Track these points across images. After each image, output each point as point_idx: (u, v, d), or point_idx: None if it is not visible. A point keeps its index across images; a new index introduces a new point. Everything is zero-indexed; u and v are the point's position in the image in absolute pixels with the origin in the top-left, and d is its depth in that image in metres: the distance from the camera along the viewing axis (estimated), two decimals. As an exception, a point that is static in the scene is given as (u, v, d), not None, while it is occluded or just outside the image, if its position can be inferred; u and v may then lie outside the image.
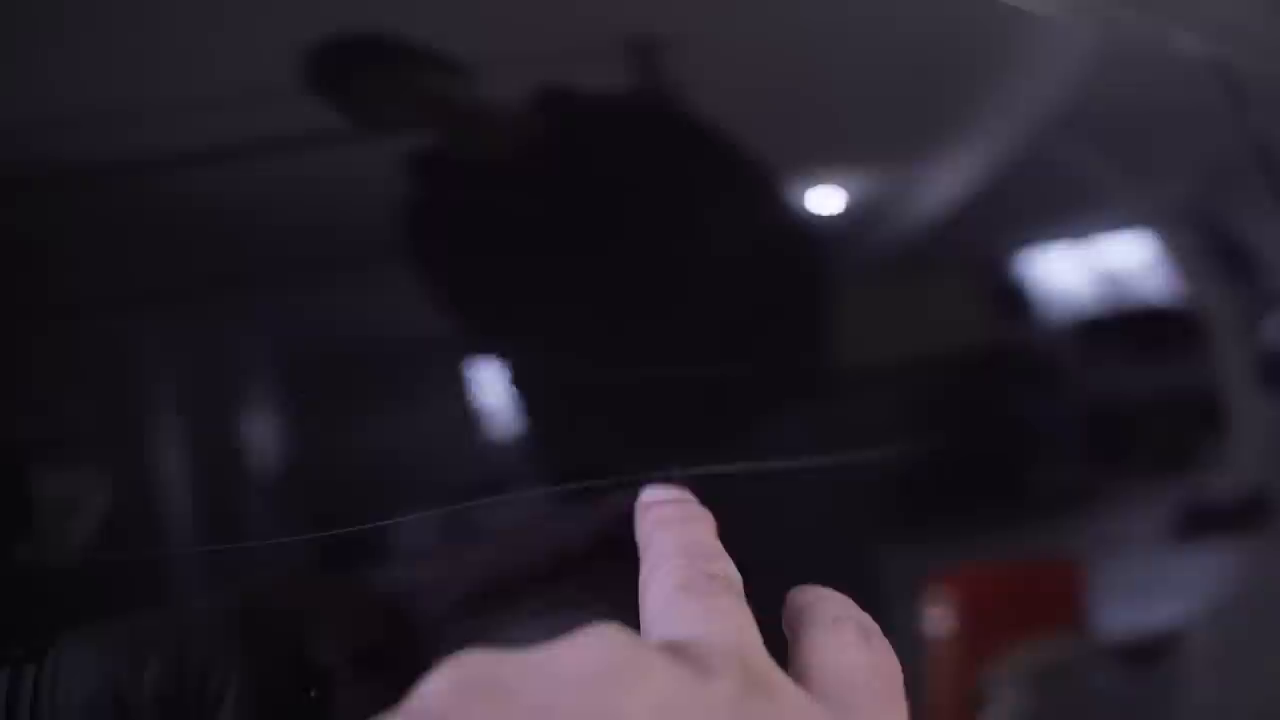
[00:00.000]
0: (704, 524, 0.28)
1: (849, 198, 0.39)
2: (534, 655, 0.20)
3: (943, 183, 0.42)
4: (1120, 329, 0.46)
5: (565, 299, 0.32)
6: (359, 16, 0.31)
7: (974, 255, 0.43)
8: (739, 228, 0.36)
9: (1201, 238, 0.50)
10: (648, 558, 0.26)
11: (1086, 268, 0.45)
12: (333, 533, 0.27)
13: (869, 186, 0.40)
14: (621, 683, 0.19)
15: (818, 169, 0.39)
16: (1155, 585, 0.47)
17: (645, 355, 0.32)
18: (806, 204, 0.38)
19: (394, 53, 0.31)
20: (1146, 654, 0.45)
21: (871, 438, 0.37)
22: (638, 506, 0.29)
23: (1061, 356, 0.44)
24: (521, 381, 0.30)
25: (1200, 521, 0.48)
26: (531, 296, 0.31)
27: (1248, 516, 0.50)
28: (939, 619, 0.39)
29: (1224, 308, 0.50)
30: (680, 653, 0.21)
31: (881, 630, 0.26)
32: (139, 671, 0.25)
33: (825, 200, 0.38)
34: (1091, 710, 0.44)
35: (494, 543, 0.30)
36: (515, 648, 0.20)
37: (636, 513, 0.29)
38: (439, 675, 0.19)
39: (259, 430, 0.28)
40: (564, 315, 0.32)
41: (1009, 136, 0.44)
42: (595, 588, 0.31)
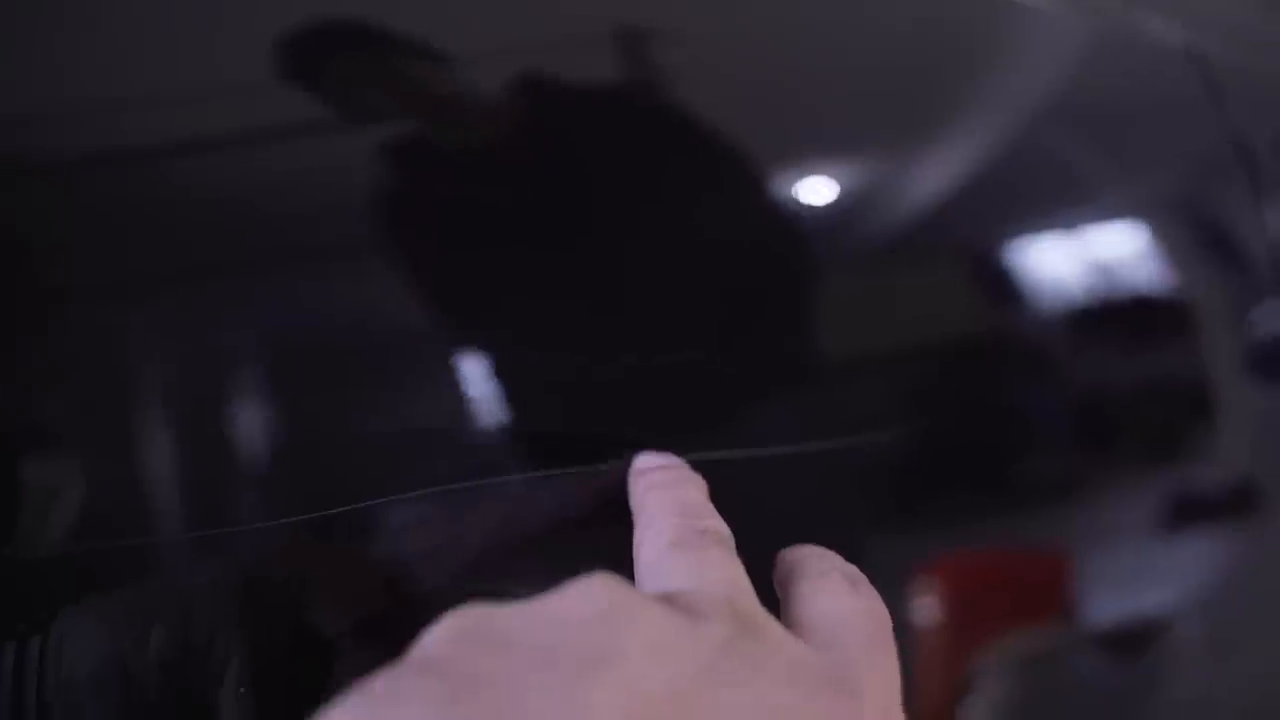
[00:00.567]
0: (694, 485, 0.29)
1: (838, 188, 0.39)
2: (531, 604, 0.20)
3: (932, 173, 0.42)
4: (1110, 319, 0.46)
5: (548, 290, 0.32)
6: (339, 5, 0.31)
7: (963, 245, 0.43)
8: (724, 218, 0.36)
9: (1190, 228, 0.50)
10: (641, 519, 0.27)
11: (1076, 258, 0.45)
12: (320, 514, 0.27)
13: (858, 177, 0.40)
14: (616, 624, 0.20)
15: (807, 160, 0.39)
16: (1143, 575, 0.47)
17: (630, 344, 0.33)
18: (796, 195, 0.38)
19: (373, 40, 0.31)
20: (1133, 643, 0.45)
21: (860, 426, 0.37)
22: (631, 473, 0.30)
23: (1051, 346, 0.44)
24: (507, 373, 0.30)
25: (1189, 511, 0.48)
26: (514, 287, 0.31)
27: (1236, 506, 0.50)
28: (926, 608, 0.39)
29: (1213, 298, 0.50)
30: (673, 601, 0.21)
31: None
32: (143, 640, 0.26)
33: (815, 191, 0.38)
34: (1078, 699, 0.44)
35: (492, 513, 0.30)
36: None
37: (630, 479, 0.30)
38: (440, 626, 0.20)
39: (247, 420, 0.28)
40: (547, 306, 0.32)
41: (998, 127, 0.44)
42: (593, 555, 0.32)
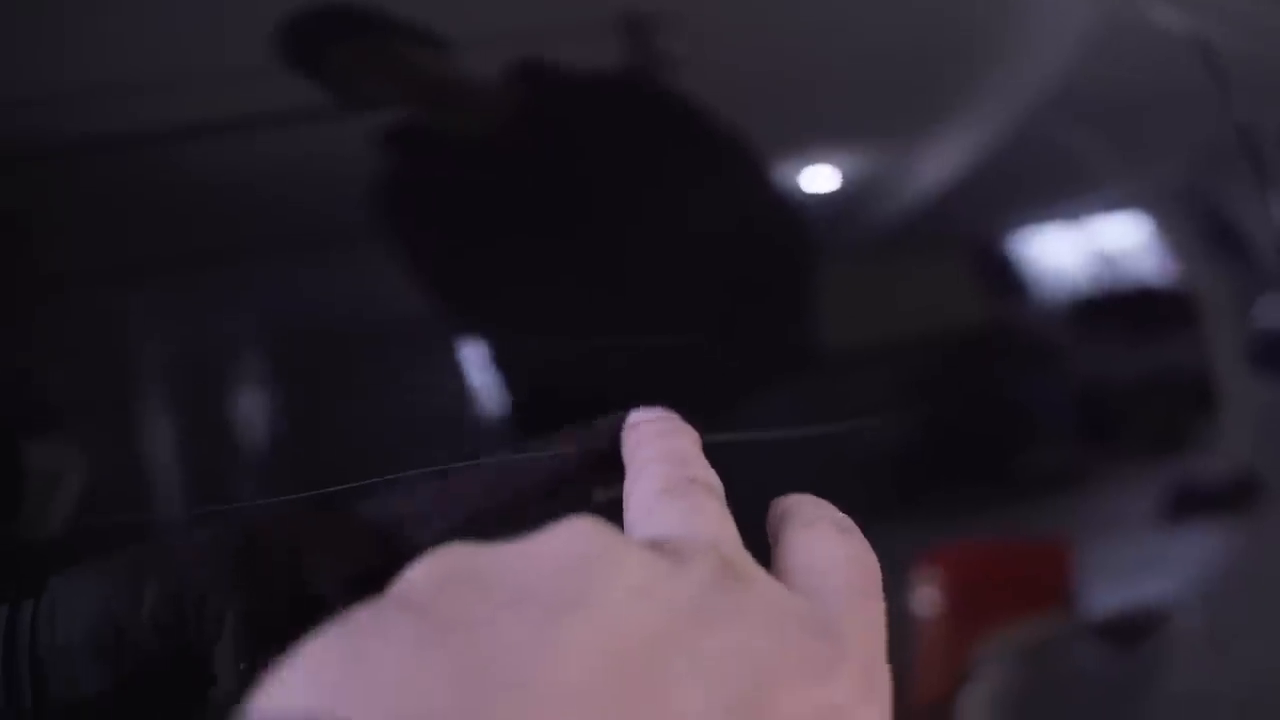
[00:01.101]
0: (686, 436, 0.29)
1: (842, 177, 0.39)
2: (513, 545, 0.20)
3: (936, 162, 0.42)
4: (1113, 310, 0.46)
5: (548, 276, 0.32)
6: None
7: (967, 235, 0.42)
8: (725, 206, 0.36)
9: (1195, 219, 0.50)
10: (631, 469, 0.27)
11: (1080, 248, 0.45)
12: (319, 491, 0.28)
13: (862, 166, 0.40)
14: (598, 567, 0.19)
15: (811, 148, 0.39)
16: (1144, 566, 0.47)
17: (629, 329, 0.33)
18: (799, 183, 0.38)
19: (374, 26, 0.31)
20: (1133, 634, 0.45)
21: (862, 415, 0.37)
22: (625, 426, 0.30)
23: (1054, 336, 0.44)
24: (506, 358, 0.30)
25: (1190, 503, 0.48)
26: (513, 274, 0.31)
27: (1238, 498, 0.50)
28: (927, 598, 0.39)
29: (1217, 289, 0.50)
30: (658, 546, 0.22)
31: None
32: (137, 600, 0.26)
33: (818, 179, 0.38)
34: (1077, 690, 0.44)
35: (485, 477, 0.30)
36: None
37: (623, 433, 0.30)
38: (422, 564, 0.20)
39: (247, 404, 0.28)
40: (547, 292, 0.32)
41: (1003, 116, 0.44)
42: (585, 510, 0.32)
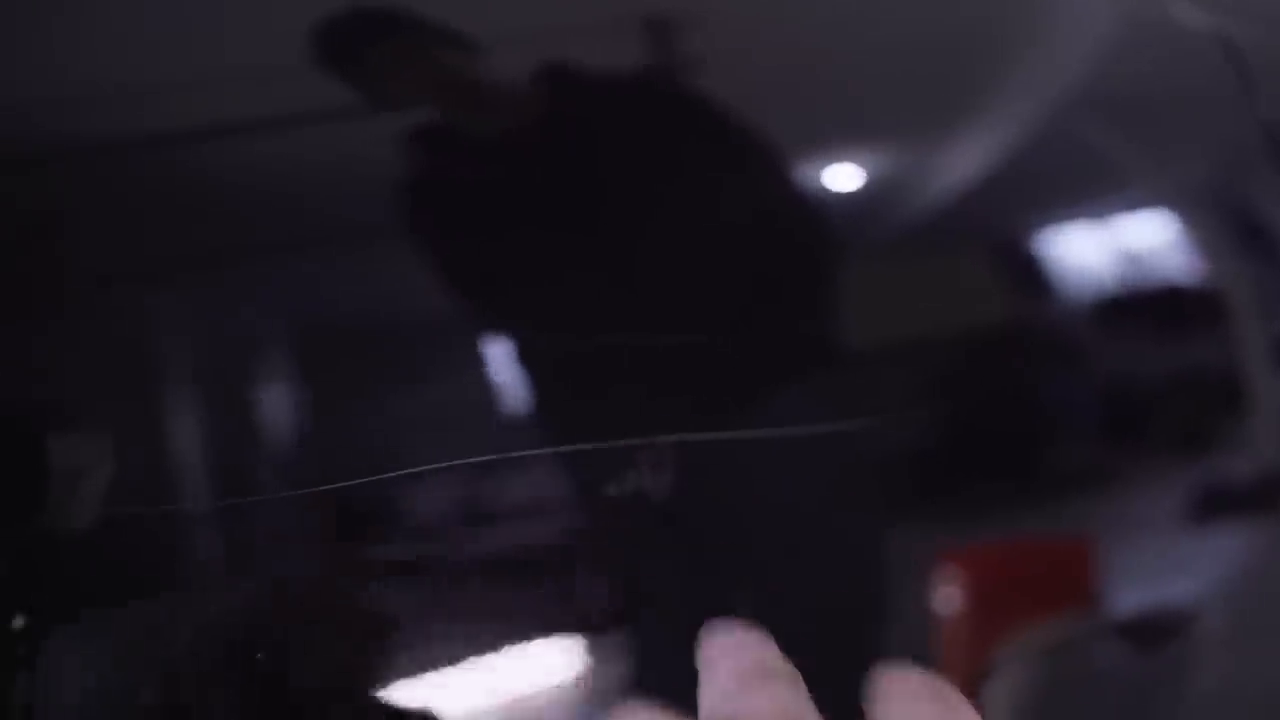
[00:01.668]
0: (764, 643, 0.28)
1: (868, 175, 0.39)
2: None
3: (960, 160, 0.42)
4: (1139, 308, 0.45)
5: (569, 274, 0.32)
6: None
7: (993, 232, 0.42)
8: (745, 204, 0.36)
9: (1221, 218, 0.49)
10: (705, 671, 0.27)
11: (1105, 246, 0.44)
12: (339, 485, 0.28)
13: (886, 163, 0.40)
14: None
15: (837, 146, 0.39)
16: (1169, 566, 0.47)
17: (649, 326, 0.33)
18: (824, 181, 0.38)
19: (404, 27, 0.32)
20: (1157, 634, 0.45)
21: (884, 413, 0.37)
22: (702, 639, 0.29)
23: (1080, 335, 0.44)
24: (528, 356, 0.30)
25: (1217, 503, 0.47)
26: (536, 273, 0.31)
27: (1265, 499, 0.50)
28: (949, 597, 0.39)
29: (1243, 289, 0.50)
30: None
31: (892, 609, 0.26)
32: (132, 695, 0.26)
33: (844, 177, 0.38)
34: (1100, 690, 0.44)
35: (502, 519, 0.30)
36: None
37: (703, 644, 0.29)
38: None
39: (272, 402, 0.28)
40: (569, 290, 0.32)
41: (1027, 114, 0.44)
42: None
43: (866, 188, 0.39)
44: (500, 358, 0.30)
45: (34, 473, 0.25)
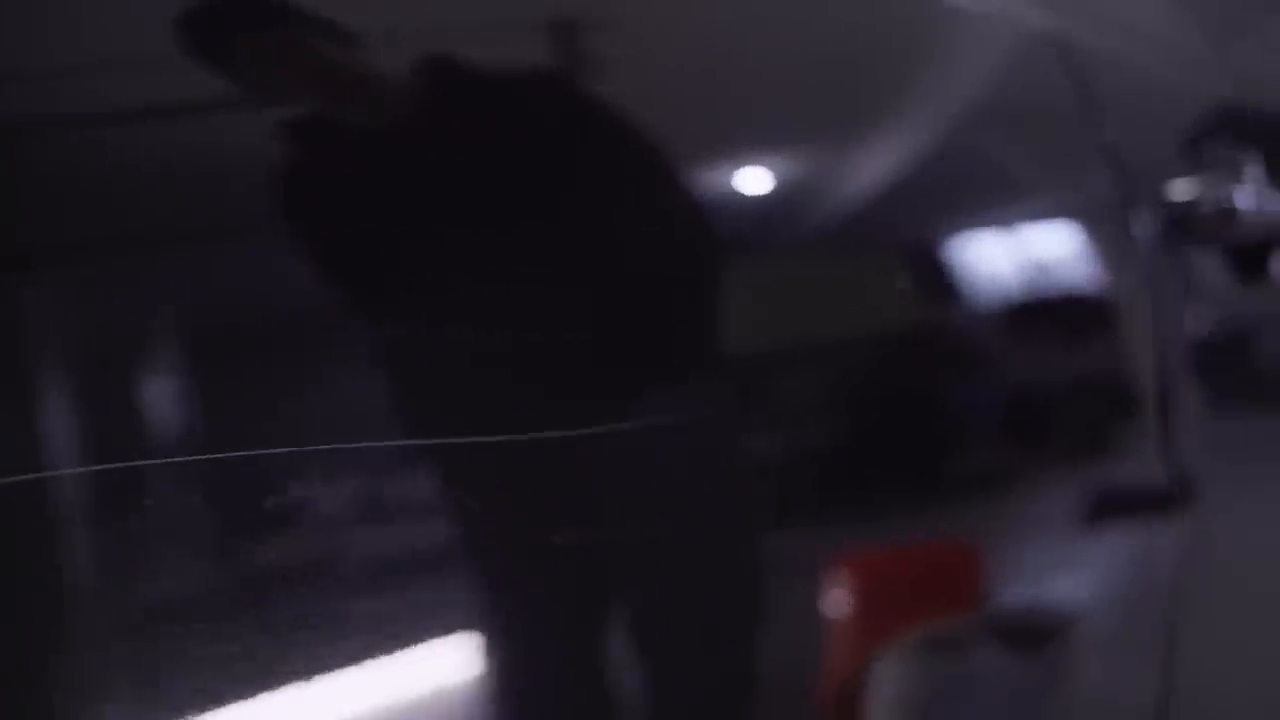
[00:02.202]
0: None
1: (776, 180, 0.39)
2: None
3: (870, 166, 0.42)
4: (1042, 316, 0.46)
5: (448, 269, 0.31)
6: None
7: (899, 238, 0.42)
8: (635, 208, 0.36)
9: (1121, 228, 0.50)
10: None
11: (1010, 255, 0.45)
12: (217, 456, 0.28)
13: (797, 169, 0.40)
14: None
15: (745, 151, 0.38)
16: (1056, 571, 0.47)
17: (531, 324, 0.32)
18: (728, 186, 0.38)
19: (284, 18, 0.31)
20: (1035, 638, 0.46)
21: (786, 416, 0.38)
22: None
23: (984, 341, 0.44)
24: (409, 347, 0.30)
25: (1114, 507, 0.48)
26: (417, 266, 0.31)
27: (1163, 503, 0.50)
28: (837, 600, 0.40)
29: (1144, 297, 0.50)
30: None
31: (775, 611, 0.26)
32: None
33: (752, 182, 0.38)
34: (977, 691, 0.44)
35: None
36: None
37: None
38: None
39: (153, 392, 0.28)
40: (446, 286, 0.31)
41: (933, 124, 0.44)
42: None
43: (774, 193, 0.38)
44: (379, 350, 0.30)
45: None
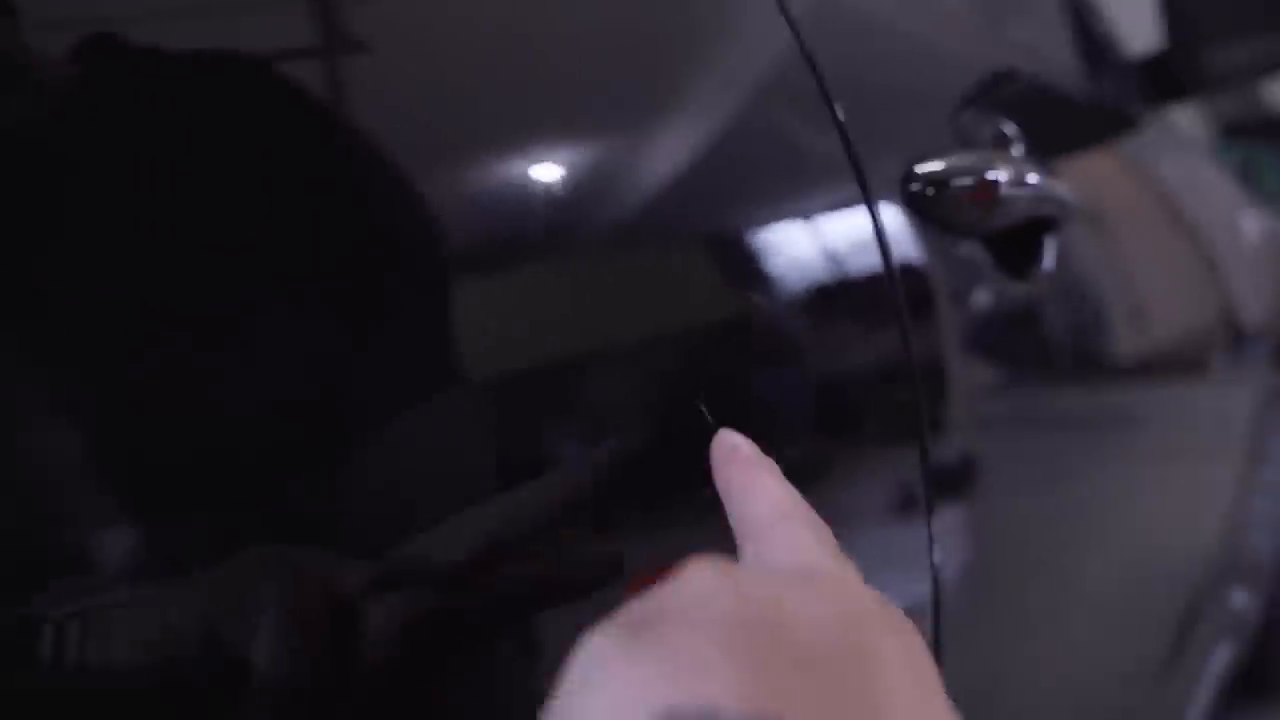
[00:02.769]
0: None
1: (569, 170, 0.36)
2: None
3: (660, 156, 0.40)
4: (846, 301, 0.45)
5: (110, 276, 0.27)
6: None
7: (696, 229, 0.40)
8: (346, 208, 0.31)
9: (920, 210, 0.50)
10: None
11: (811, 240, 0.44)
12: None
13: (584, 159, 0.37)
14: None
15: (530, 141, 0.35)
16: (879, 564, 0.47)
17: (236, 335, 0.28)
18: (521, 176, 0.34)
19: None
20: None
21: (592, 424, 0.35)
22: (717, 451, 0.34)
23: (788, 330, 0.42)
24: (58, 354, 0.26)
25: (923, 493, 0.48)
26: (68, 270, 0.26)
27: (959, 486, 0.51)
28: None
29: (942, 279, 0.50)
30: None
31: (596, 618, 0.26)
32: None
33: (539, 173, 0.35)
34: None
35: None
36: None
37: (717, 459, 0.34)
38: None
39: None
40: (108, 294, 0.26)
41: (726, 107, 0.43)
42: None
43: (566, 183, 0.36)
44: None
45: None
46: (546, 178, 0.36)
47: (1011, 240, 0.58)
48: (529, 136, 0.36)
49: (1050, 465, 0.63)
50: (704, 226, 0.41)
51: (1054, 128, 0.75)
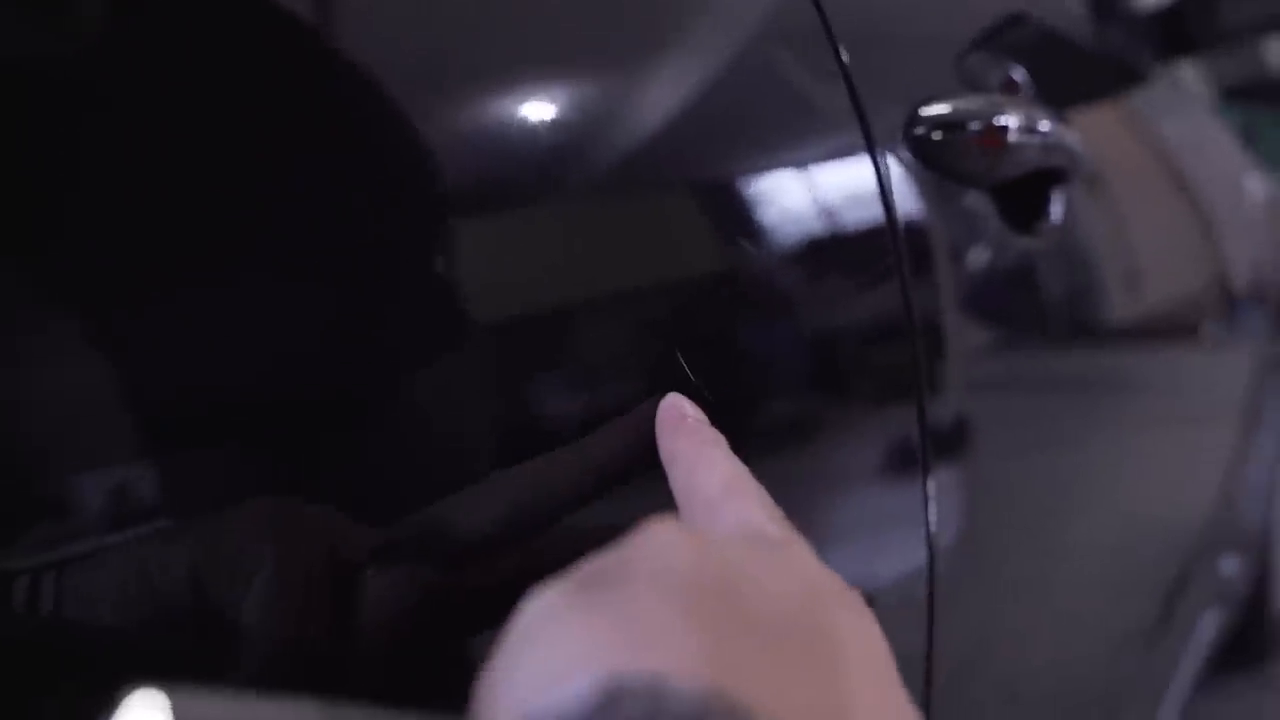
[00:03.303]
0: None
1: (558, 112, 0.33)
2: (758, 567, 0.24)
3: (657, 97, 0.37)
4: (841, 255, 0.43)
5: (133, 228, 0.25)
6: None
7: (680, 178, 0.38)
8: (355, 148, 0.29)
9: (919, 162, 0.48)
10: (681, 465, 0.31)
11: (798, 191, 0.41)
12: None
13: (576, 100, 0.35)
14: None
15: (518, 82, 0.33)
16: (869, 525, 0.45)
17: (238, 282, 0.26)
18: (503, 129, 0.32)
19: None
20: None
21: (583, 374, 0.33)
22: (659, 422, 0.33)
23: (784, 283, 0.40)
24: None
25: (915, 453, 0.46)
26: (91, 217, 0.24)
27: (952, 446, 0.49)
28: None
29: (940, 233, 0.48)
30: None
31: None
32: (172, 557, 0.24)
33: (532, 115, 0.33)
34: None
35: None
36: None
37: (660, 428, 0.33)
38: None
39: None
40: (130, 243, 0.25)
41: (722, 49, 0.40)
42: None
43: (556, 126, 0.33)
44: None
45: None
46: (539, 119, 0.33)
47: (1018, 193, 0.55)
48: (520, 76, 0.34)
49: (1041, 428, 0.61)
50: (701, 171, 0.39)
51: (1063, 76, 0.72)
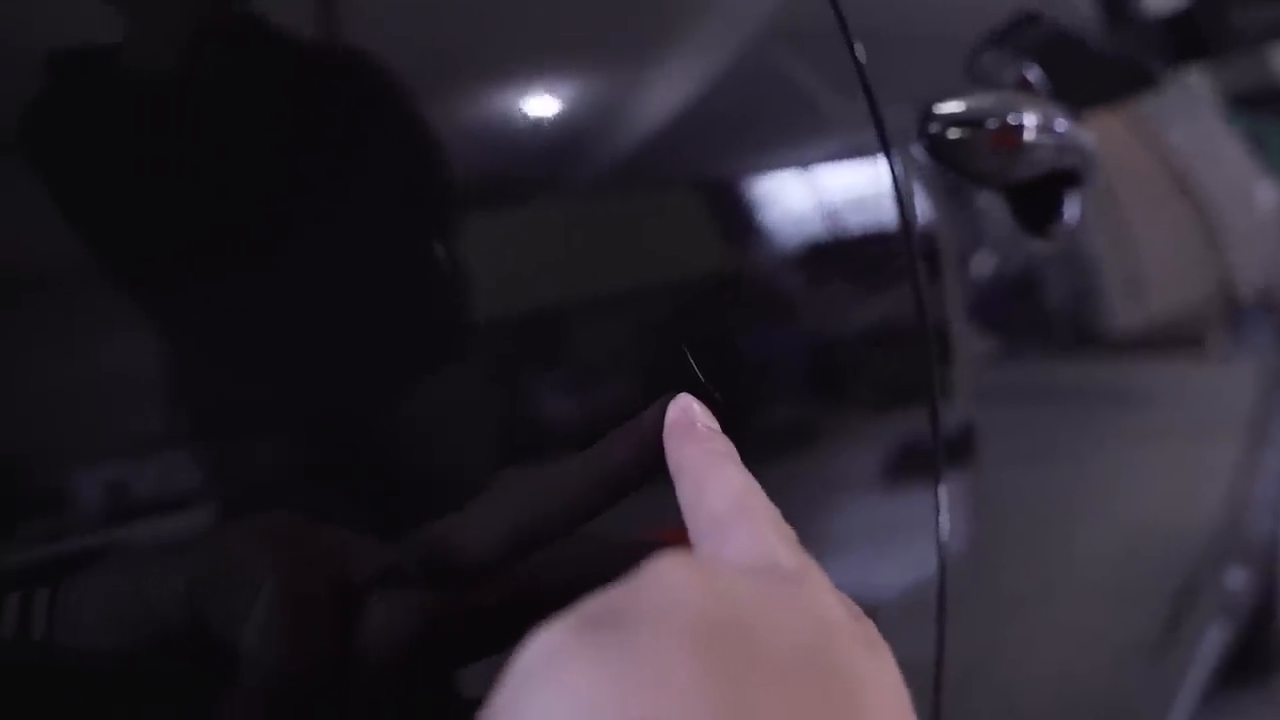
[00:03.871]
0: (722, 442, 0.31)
1: (561, 109, 0.33)
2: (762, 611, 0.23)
3: (658, 96, 0.36)
4: (844, 258, 0.42)
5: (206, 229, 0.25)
6: None
7: (690, 176, 0.37)
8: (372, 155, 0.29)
9: (924, 164, 0.47)
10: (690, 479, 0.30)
11: (810, 191, 0.40)
12: None
13: (586, 97, 0.34)
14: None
15: (521, 80, 0.32)
16: (868, 533, 0.44)
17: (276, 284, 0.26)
18: (506, 125, 0.31)
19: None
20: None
21: (579, 376, 0.32)
22: (667, 430, 0.31)
23: (784, 286, 0.39)
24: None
25: (917, 459, 0.45)
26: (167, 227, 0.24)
27: (967, 454, 0.48)
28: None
29: (946, 238, 0.47)
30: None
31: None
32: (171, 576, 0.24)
33: (535, 111, 0.32)
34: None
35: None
36: None
37: (668, 435, 0.31)
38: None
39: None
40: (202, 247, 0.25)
41: (728, 45, 0.39)
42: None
43: (559, 122, 0.32)
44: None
45: None
46: (547, 116, 0.33)
47: (1031, 195, 0.54)
48: (528, 72, 0.33)
49: (1048, 438, 0.60)
50: (714, 170, 0.38)
51: (1077, 77, 0.71)
